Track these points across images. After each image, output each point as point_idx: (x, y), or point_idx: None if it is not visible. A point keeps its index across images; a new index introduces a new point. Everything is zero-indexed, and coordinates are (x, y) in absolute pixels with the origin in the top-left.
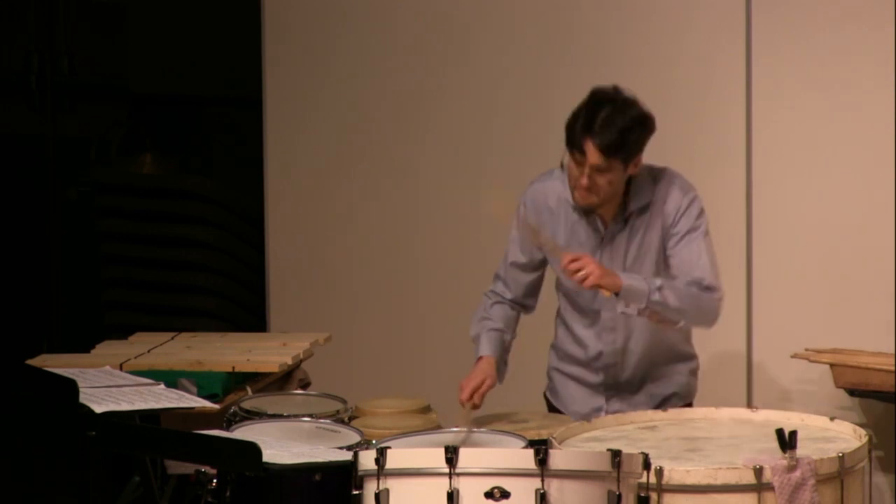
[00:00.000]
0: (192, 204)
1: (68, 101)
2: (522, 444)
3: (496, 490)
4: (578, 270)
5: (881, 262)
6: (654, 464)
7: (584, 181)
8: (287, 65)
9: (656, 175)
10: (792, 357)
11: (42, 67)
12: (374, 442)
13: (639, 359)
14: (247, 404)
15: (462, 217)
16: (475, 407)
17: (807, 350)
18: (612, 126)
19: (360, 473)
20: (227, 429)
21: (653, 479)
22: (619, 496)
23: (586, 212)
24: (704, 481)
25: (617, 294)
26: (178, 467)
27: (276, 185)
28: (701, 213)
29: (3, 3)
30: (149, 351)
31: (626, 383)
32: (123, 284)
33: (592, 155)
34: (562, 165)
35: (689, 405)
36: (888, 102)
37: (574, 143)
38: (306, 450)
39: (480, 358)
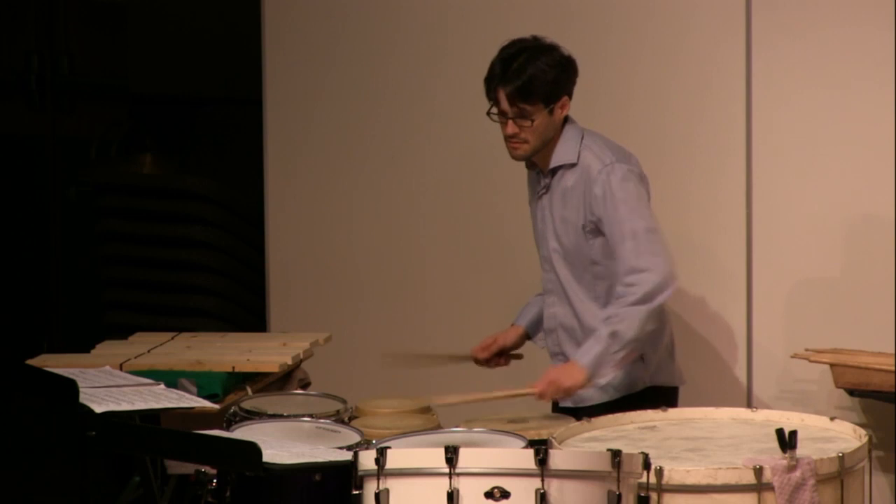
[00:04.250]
0: (192, 204)
1: (68, 101)
2: (522, 444)
3: (496, 490)
4: (547, 396)
5: (881, 262)
6: (654, 464)
7: (510, 129)
8: (287, 65)
9: (585, 140)
10: (792, 357)
11: (42, 67)
12: (374, 442)
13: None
14: (247, 404)
15: (463, 216)
16: (481, 362)
17: (807, 350)
18: (522, 71)
19: (360, 473)
20: (227, 429)
21: (653, 479)
22: (619, 496)
23: (530, 165)
24: (704, 481)
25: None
26: (178, 467)
27: (276, 185)
28: (626, 180)
29: (3, 3)
30: (149, 351)
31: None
32: (123, 284)
33: (506, 102)
34: (489, 115)
35: (632, 395)
36: (888, 102)
37: (491, 94)
38: (306, 450)
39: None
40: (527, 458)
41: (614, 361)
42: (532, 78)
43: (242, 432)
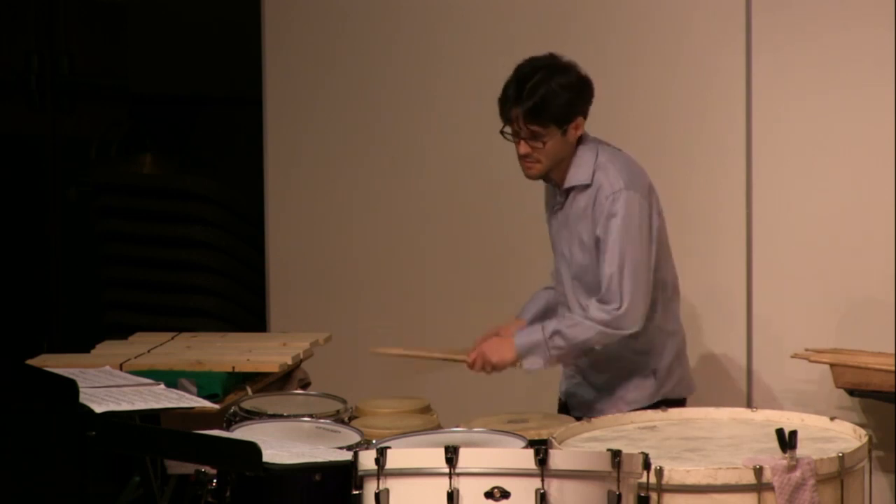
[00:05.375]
0: (192, 204)
1: (68, 101)
2: (522, 444)
3: (496, 490)
4: (475, 367)
5: (881, 263)
6: (654, 464)
7: (522, 149)
8: (287, 65)
9: (600, 159)
10: (792, 357)
11: (42, 67)
12: (374, 442)
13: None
14: (247, 404)
15: (463, 217)
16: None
17: (807, 350)
18: (535, 92)
19: (360, 473)
20: (227, 429)
21: (653, 479)
22: (619, 496)
23: (546, 179)
24: (704, 481)
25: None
26: (178, 467)
27: (276, 185)
28: (625, 210)
29: (3, 3)
30: (149, 351)
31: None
32: (123, 284)
33: (520, 122)
34: (502, 133)
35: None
36: (888, 102)
37: (504, 114)
38: (306, 450)
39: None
40: (527, 458)
41: (547, 357)
42: (544, 99)
43: (242, 432)
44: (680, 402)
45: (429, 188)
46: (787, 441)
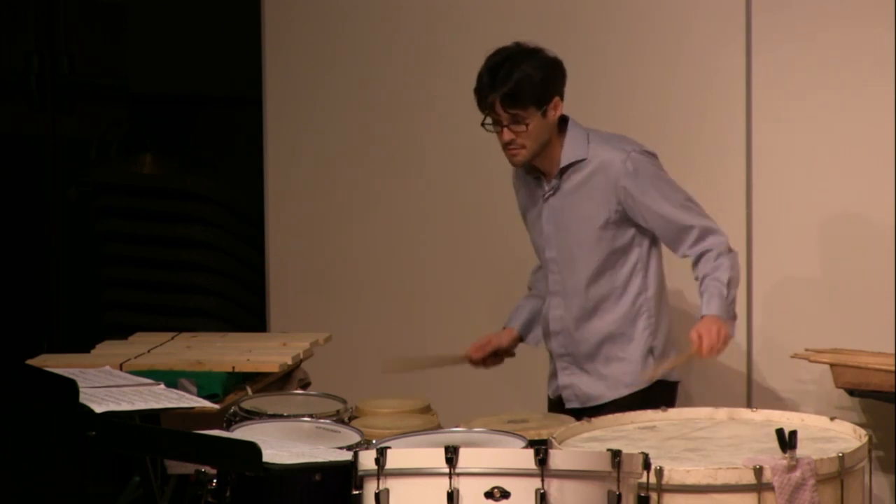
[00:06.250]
0: (192, 204)
1: (68, 101)
2: (522, 444)
3: (496, 490)
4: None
5: (881, 263)
6: (654, 464)
7: (506, 136)
8: (287, 65)
9: (591, 136)
10: (792, 357)
11: (42, 67)
12: (374, 442)
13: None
14: (247, 404)
15: (463, 217)
16: (476, 363)
17: (807, 350)
18: (510, 76)
19: (360, 473)
20: (227, 429)
21: (653, 479)
22: (619, 496)
23: (529, 170)
24: (704, 481)
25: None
26: (178, 467)
27: (276, 185)
28: (650, 163)
29: (3, 3)
30: (149, 351)
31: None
32: (123, 284)
33: (498, 108)
34: (483, 125)
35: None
36: (888, 102)
37: (483, 104)
38: (306, 450)
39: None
40: (527, 458)
41: (734, 313)
42: (520, 82)
43: (242, 432)
44: (673, 386)
45: (429, 188)
46: (787, 441)
